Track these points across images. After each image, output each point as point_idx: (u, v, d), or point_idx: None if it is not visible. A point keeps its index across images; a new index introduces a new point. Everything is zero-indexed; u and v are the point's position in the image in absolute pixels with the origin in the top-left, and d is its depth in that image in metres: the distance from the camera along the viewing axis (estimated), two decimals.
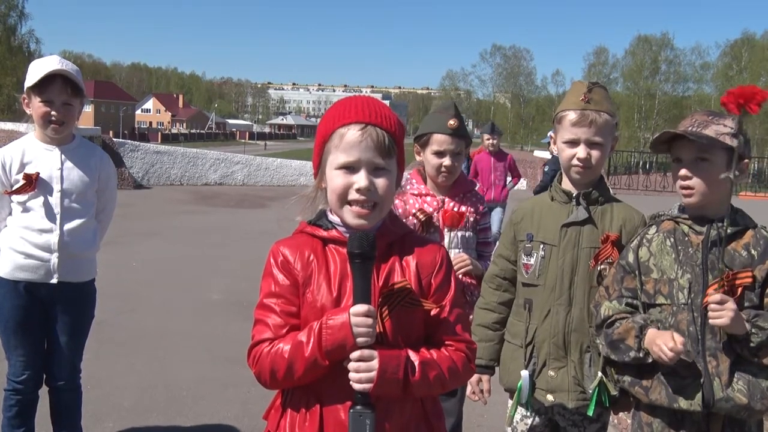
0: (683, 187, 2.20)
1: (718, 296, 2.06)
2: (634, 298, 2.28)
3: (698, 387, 2.12)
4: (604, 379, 2.38)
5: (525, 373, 2.49)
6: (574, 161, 2.44)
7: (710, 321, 2.07)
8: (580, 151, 2.43)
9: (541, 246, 2.49)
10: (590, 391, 2.40)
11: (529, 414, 2.58)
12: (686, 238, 2.22)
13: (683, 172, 2.19)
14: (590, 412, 2.40)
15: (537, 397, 2.51)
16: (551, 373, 2.46)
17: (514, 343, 2.57)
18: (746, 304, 2.12)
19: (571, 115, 2.44)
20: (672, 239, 2.24)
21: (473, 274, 2.95)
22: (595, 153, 2.43)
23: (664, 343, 2.07)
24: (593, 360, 2.42)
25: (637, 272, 2.26)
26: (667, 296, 2.21)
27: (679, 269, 2.19)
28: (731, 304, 2.05)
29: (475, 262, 2.96)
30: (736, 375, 2.13)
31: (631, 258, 2.28)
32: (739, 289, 2.10)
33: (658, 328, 2.18)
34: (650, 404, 2.23)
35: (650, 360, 2.16)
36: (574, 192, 2.49)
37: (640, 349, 2.16)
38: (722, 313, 2.04)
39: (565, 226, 2.47)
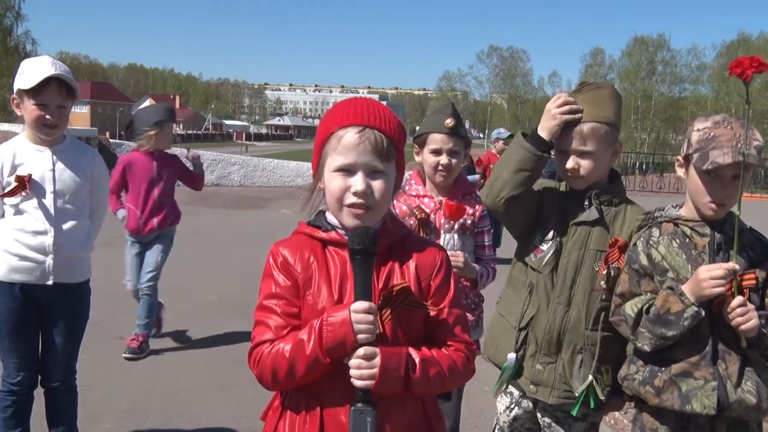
0: (719, 204, 2.13)
1: (740, 298, 2.04)
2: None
3: (711, 389, 2.10)
4: (594, 383, 2.36)
5: (512, 357, 2.48)
6: (566, 169, 2.42)
7: (741, 327, 2.04)
8: (569, 162, 2.40)
9: (558, 241, 2.45)
10: (577, 393, 2.38)
11: (512, 403, 2.59)
12: (688, 240, 2.20)
13: (725, 192, 2.11)
14: (574, 412, 2.40)
15: (520, 384, 2.52)
16: (539, 366, 2.46)
17: (508, 320, 2.55)
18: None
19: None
20: (677, 241, 2.21)
21: (466, 276, 2.89)
22: (585, 163, 2.38)
23: (708, 274, 2.02)
24: (585, 362, 2.40)
25: (653, 274, 2.21)
26: None
27: (693, 269, 2.15)
28: (751, 305, 2.04)
29: (472, 264, 2.92)
30: (744, 377, 2.12)
31: (643, 260, 2.23)
32: (745, 291, 2.09)
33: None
34: (658, 407, 2.19)
35: (703, 314, 2.07)
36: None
37: (692, 304, 2.06)
38: (750, 315, 2.03)
39: (575, 224, 2.44)
